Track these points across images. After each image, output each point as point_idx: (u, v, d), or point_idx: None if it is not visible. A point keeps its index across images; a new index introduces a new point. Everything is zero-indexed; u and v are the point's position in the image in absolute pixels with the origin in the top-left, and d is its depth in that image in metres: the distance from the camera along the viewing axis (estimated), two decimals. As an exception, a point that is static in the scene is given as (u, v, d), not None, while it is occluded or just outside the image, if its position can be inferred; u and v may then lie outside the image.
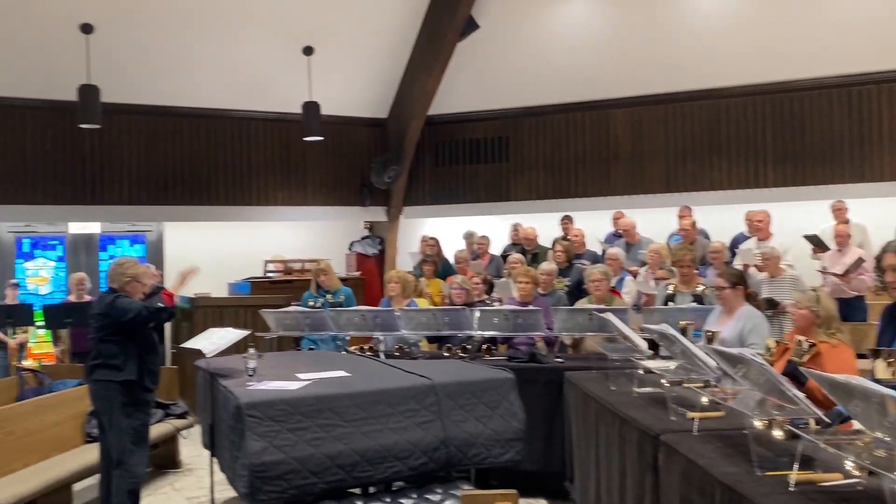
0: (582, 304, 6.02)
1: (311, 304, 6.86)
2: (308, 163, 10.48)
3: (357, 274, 10.35)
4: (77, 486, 5.40)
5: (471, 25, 9.29)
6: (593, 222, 8.86)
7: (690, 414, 3.24)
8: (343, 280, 7.89)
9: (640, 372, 4.12)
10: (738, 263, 6.91)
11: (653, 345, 4.59)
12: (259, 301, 8.17)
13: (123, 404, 4.46)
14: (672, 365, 4.00)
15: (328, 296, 6.90)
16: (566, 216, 8.92)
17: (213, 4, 8.73)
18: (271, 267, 9.81)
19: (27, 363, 8.65)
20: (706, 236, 7.94)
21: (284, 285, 9.24)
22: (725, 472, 2.52)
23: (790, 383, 2.62)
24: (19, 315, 8.16)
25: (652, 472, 3.19)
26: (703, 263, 6.85)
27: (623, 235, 8.10)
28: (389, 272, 6.84)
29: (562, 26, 9.65)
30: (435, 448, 4.01)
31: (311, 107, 9.20)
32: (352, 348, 6.28)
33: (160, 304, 4.50)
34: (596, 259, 7.82)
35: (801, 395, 2.55)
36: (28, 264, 10.03)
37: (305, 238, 11.00)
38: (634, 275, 6.95)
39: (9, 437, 5.06)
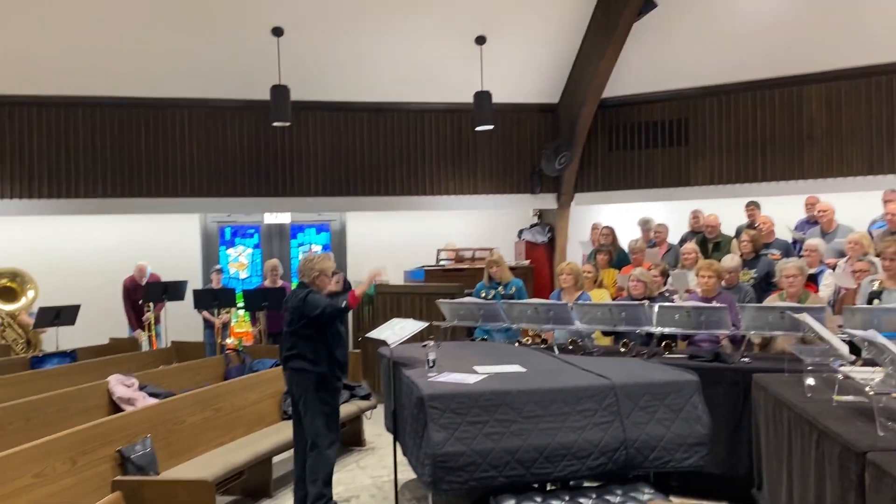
0: (772, 300, 5.64)
1: (483, 294, 6.97)
2: (479, 151, 10.62)
3: (526, 262, 10.36)
4: (275, 459, 5.88)
5: (648, 4, 8.91)
6: (782, 208, 8.24)
7: (903, 431, 2.96)
8: (512, 269, 7.91)
9: (840, 378, 3.81)
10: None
11: (853, 347, 4.22)
12: (433, 289, 8.43)
13: (317, 391, 4.78)
14: (877, 374, 3.66)
15: (500, 287, 6.97)
16: (752, 202, 8.36)
17: (390, 2, 8.99)
18: (443, 255, 10.07)
19: (230, 341, 9.55)
20: (917, 224, 7.13)
21: (456, 273, 9.46)
22: (951, 505, 2.27)
23: None
24: (223, 298, 9.01)
25: (857, 492, 2.94)
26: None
27: (818, 221, 7.48)
28: (561, 264, 6.77)
29: (747, -2, 9.01)
30: (614, 449, 3.95)
31: (482, 96, 9.28)
32: (524, 339, 6.32)
33: (344, 304, 4.74)
34: (787, 248, 7.29)
35: None
36: (230, 251, 11.04)
37: (475, 226, 11.19)
38: (832, 267, 6.40)
39: (219, 413, 5.64)
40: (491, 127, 9.51)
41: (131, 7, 8.50)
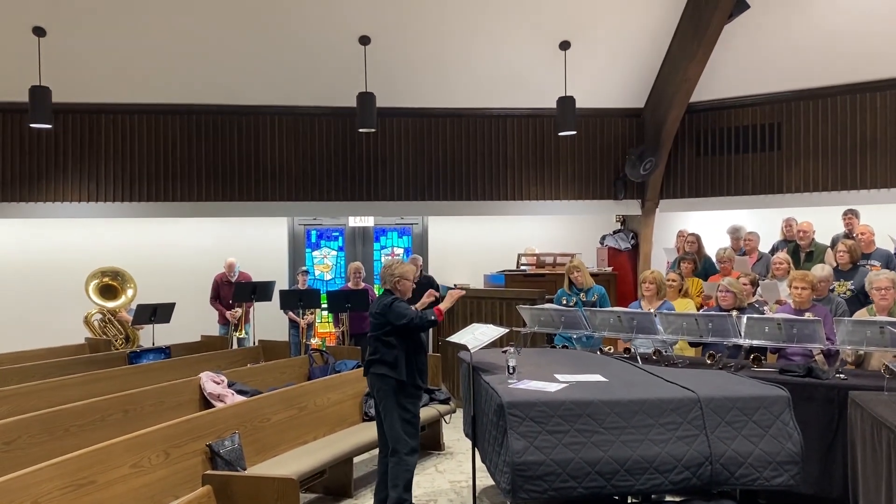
0: (861, 314, 5.36)
1: (563, 301, 6.89)
2: (561, 156, 10.54)
3: (609, 269, 10.20)
4: (356, 459, 5.99)
5: (740, 5, 8.61)
6: (885, 217, 7.82)
7: None
8: (595, 275, 7.80)
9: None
10: None
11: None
12: (513, 294, 8.40)
13: (397, 397, 4.84)
14: None
15: (581, 294, 6.88)
16: (850, 210, 7.98)
17: (475, 9, 9.03)
18: (524, 260, 10.03)
19: (314, 341, 9.80)
20: None
21: (537, 279, 9.40)
22: None
23: None
24: (308, 299, 9.24)
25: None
26: None
27: (924, 232, 7.08)
28: (645, 272, 6.62)
29: (846, -3, 8.61)
30: (699, 464, 3.84)
31: (566, 101, 9.20)
32: (605, 348, 6.23)
33: (431, 318, 4.82)
34: (888, 259, 6.92)
35: None
36: (315, 253, 11.34)
37: (556, 231, 11.11)
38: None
39: (303, 412, 5.79)
40: (574, 132, 9.42)
41: (224, 19, 8.85)
